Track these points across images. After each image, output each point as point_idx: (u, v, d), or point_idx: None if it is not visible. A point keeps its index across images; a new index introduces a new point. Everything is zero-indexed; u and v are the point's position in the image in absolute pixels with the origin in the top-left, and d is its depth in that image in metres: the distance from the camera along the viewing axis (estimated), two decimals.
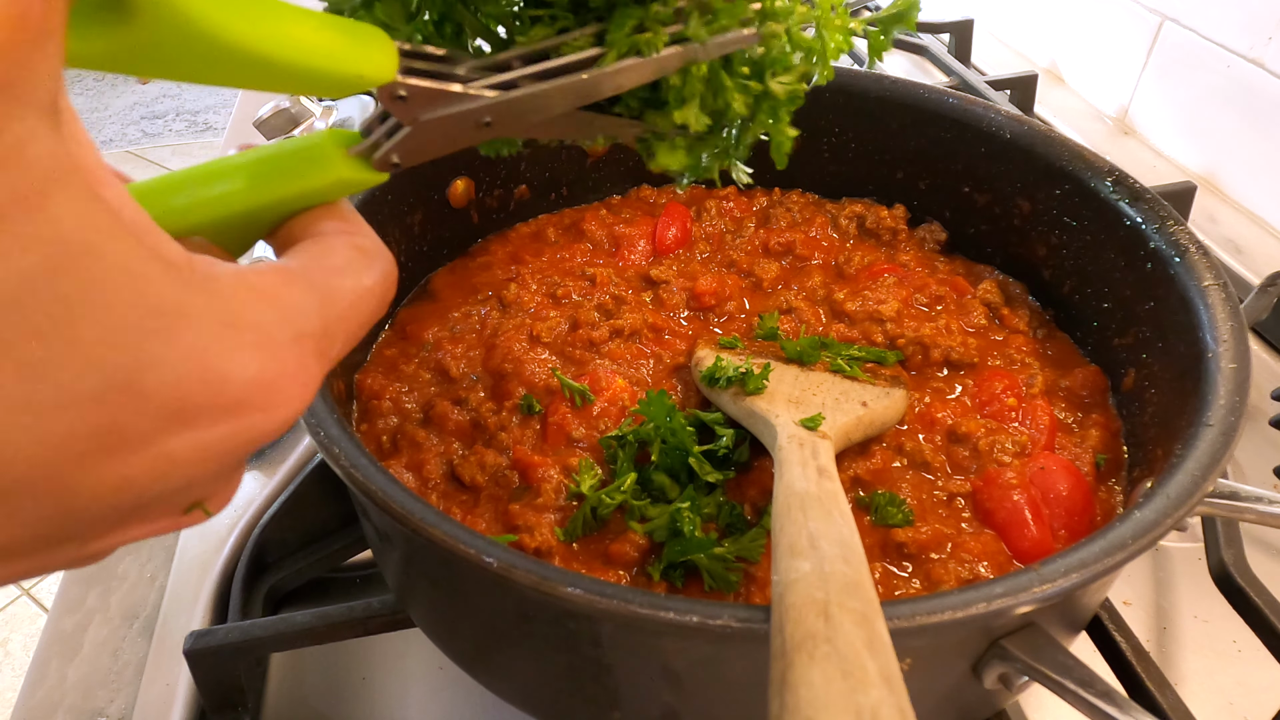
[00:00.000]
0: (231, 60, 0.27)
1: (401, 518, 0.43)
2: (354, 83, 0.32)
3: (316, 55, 0.30)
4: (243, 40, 0.27)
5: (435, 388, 0.67)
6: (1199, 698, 0.62)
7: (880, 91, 0.80)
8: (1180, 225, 0.61)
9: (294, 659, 0.65)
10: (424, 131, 0.35)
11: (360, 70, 0.32)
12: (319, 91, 0.32)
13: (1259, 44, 1.07)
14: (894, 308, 0.71)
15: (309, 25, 0.29)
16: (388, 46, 0.33)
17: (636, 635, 0.43)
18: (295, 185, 0.33)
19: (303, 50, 0.29)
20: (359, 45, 0.32)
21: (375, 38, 0.33)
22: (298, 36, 0.29)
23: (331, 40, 0.30)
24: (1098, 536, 0.43)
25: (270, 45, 0.28)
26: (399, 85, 0.34)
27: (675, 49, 0.38)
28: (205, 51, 0.27)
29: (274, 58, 0.28)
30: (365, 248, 0.32)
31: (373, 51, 0.32)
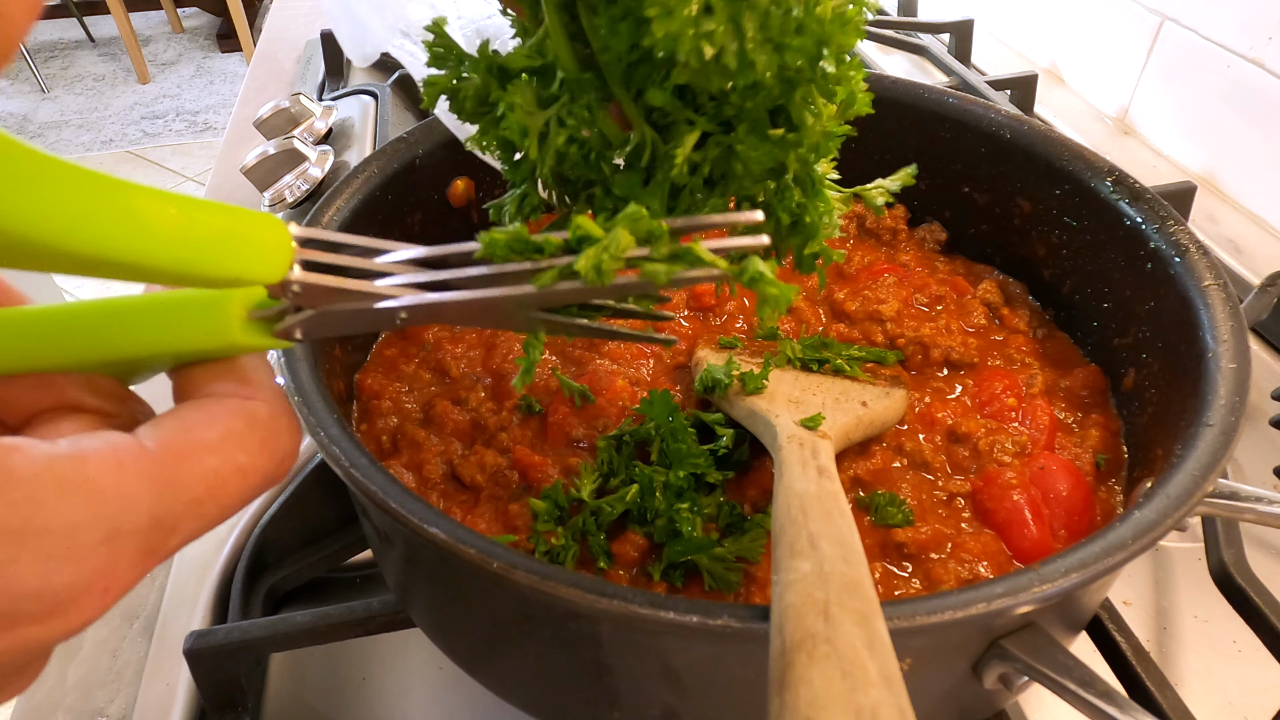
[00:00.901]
0: (77, 263, 0.24)
1: (401, 518, 0.43)
2: (232, 282, 0.29)
3: (178, 253, 0.26)
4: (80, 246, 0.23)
5: (435, 388, 0.67)
6: (1199, 698, 0.62)
7: (880, 91, 0.80)
8: (1180, 225, 0.61)
9: (294, 659, 0.65)
10: (328, 317, 0.32)
11: (238, 271, 0.28)
12: (196, 285, 0.29)
13: (1259, 44, 1.07)
14: (894, 308, 0.71)
15: (167, 217, 0.25)
16: (280, 239, 0.30)
17: (636, 635, 0.43)
18: (187, 343, 0.30)
19: (158, 251, 0.25)
20: (239, 240, 0.28)
21: (264, 229, 0.29)
22: (152, 231, 0.25)
23: (200, 235, 0.27)
24: (1098, 536, 0.43)
25: (121, 249, 0.24)
26: (292, 282, 0.31)
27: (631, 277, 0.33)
28: (48, 257, 0.23)
29: (124, 261, 0.25)
30: (255, 417, 0.29)
31: (259, 247, 0.29)
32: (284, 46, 1.54)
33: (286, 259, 0.30)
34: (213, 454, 0.27)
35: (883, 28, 1.44)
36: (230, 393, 0.29)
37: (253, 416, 0.29)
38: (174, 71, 4.64)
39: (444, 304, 0.33)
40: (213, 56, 4.76)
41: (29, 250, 0.23)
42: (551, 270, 0.32)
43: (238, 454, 0.28)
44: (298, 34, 1.57)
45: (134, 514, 0.24)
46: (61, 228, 0.23)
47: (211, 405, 0.29)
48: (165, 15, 5.11)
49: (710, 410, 0.61)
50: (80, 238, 0.23)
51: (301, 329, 0.32)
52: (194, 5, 4.99)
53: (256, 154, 1.03)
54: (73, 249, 0.23)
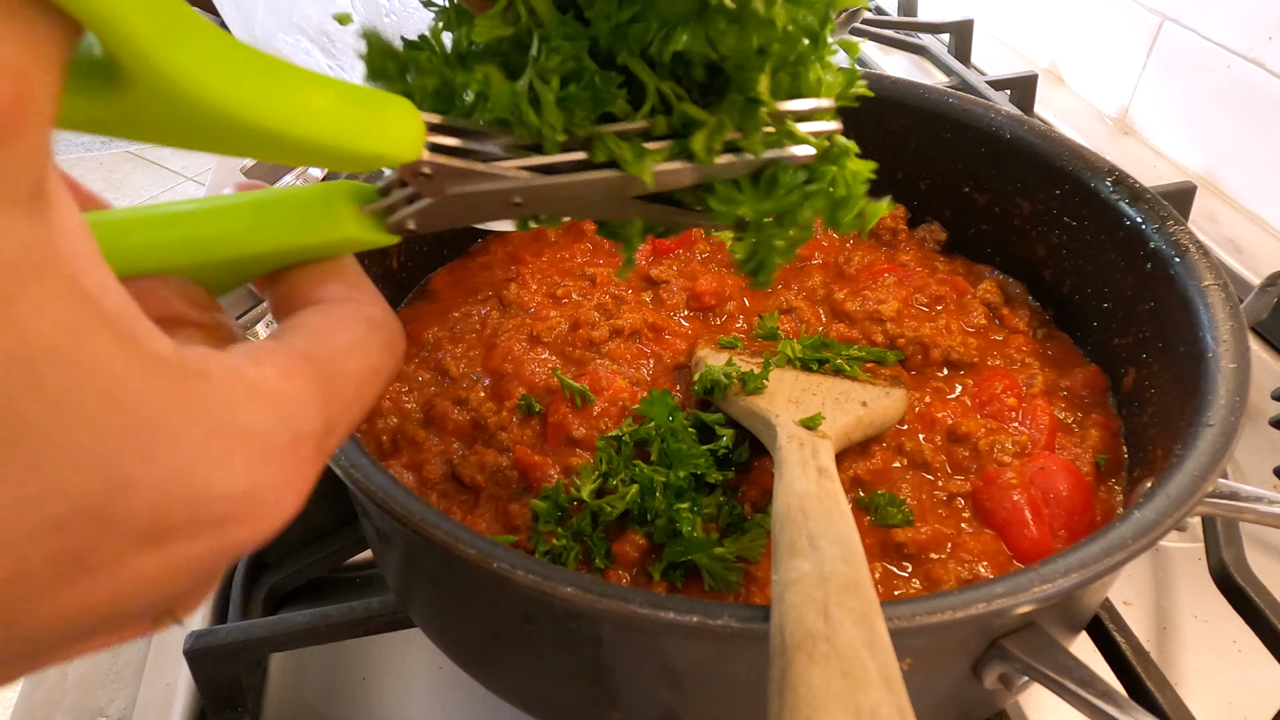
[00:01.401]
0: (234, 133, 0.25)
1: (401, 518, 0.43)
2: (372, 161, 0.29)
3: (330, 131, 0.27)
4: (246, 114, 0.24)
5: (435, 388, 0.67)
6: (1199, 698, 0.62)
7: (880, 91, 0.80)
8: (1180, 225, 0.61)
9: (294, 659, 0.65)
10: (447, 205, 0.33)
11: (379, 149, 0.29)
12: (337, 167, 0.29)
13: (1259, 44, 1.07)
14: (894, 308, 0.71)
15: (323, 96, 0.26)
16: (412, 121, 0.30)
17: (636, 635, 0.43)
18: (300, 238, 0.30)
19: (315, 125, 0.26)
20: (379, 120, 0.29)
21: (398, 110, 0.30)
22: (309, 109, 0.26)
23: (348, 114, 0.27)
24: (1098, 536, 0.43)
25: (278, 119, 0.25)
26: (423, 164, 0.31)
27: (729, 158, 0.36)
28: (206, 124, 0.24)
29: (282, 132, 0.26)
30: (374, 320, 0.30)
31: (395, 127, 0.30)
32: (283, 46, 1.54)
33: (419, 138, 0.31)
34: (351, 357, 0.28)
35: (883, 28, 1.44)
36: (343, 297, 0.30)
37: (372, 320, 0.30)
38: None
39: (559, 185, 0.34)
40: None
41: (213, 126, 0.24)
42: (664, 149, 0.34)
43: (370, 357, 0.29)
44: None
45: (310, 418, 0.25)
46: (249, 104, 0.24)
47: (335, 310, 0.29)
48: None
49: (710, 410, 0.61)
50: (257, 112, 0.24)
51: (416, 219, 0.33)
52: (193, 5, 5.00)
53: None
54: (250, 121, 0.24)
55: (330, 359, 0.27)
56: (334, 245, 0.31)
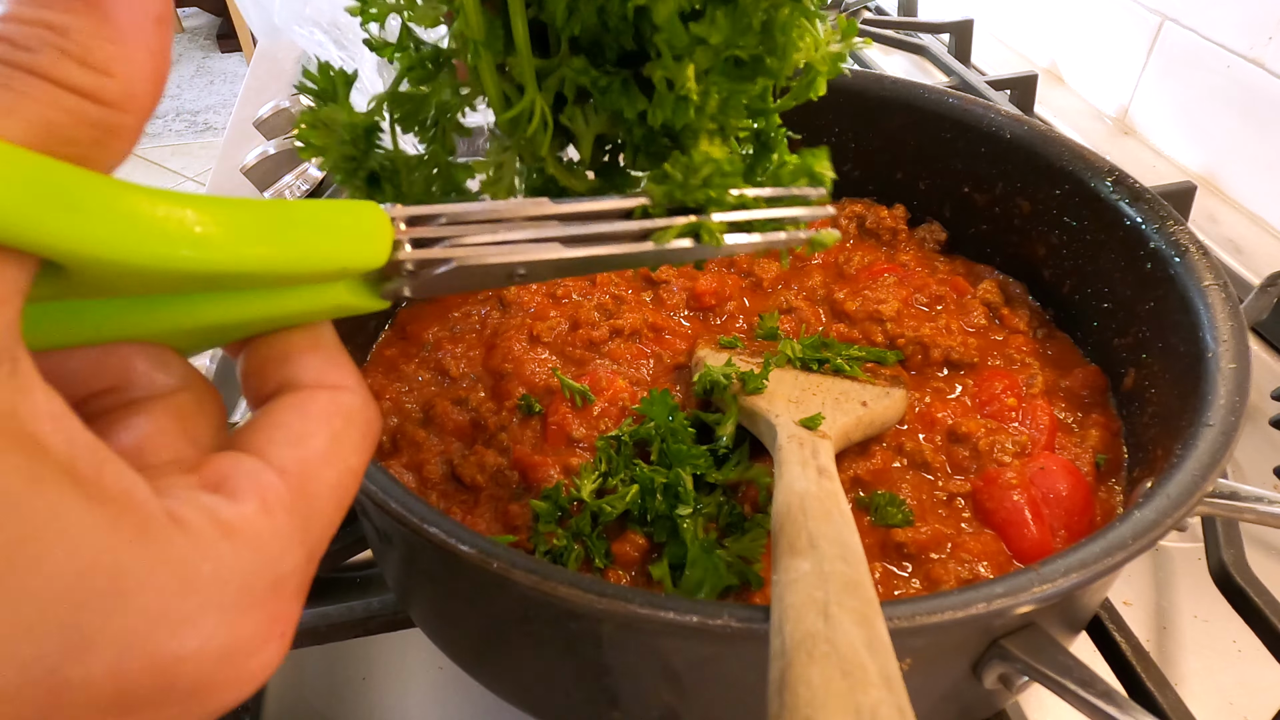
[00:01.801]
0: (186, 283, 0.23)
1: (401, 518, 0.43)
2: (338, 275, 0.27)
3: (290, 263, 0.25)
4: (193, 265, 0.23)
5: (435, 388, 0.67)
6: (1199, 698, 0.62)
7: (880, 91, 0.80)
8: (1180, 225, 0.61)
9: (294, 659, 0.65)
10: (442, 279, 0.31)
11: (345, 265, 0.27)
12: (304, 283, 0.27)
13: (1259, 44, 1.07)
14: (894, 308, 0.71)
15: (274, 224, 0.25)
16: (378, 224, 0.28)
17: (636, 635, 0.43)
18: (287, 304, 0.28)
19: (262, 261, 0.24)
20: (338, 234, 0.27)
21: (360, 218, 0.28)
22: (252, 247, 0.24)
23: (306, 242, 0.25)
24: (1098, 536, 0.43)
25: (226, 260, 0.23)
26: (403, 264, 0.29)
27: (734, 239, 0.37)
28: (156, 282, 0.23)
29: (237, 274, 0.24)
30: (351, 411, 0.27)
31: (356, 237, 0.27)
32: (284, 46, 1.54)
33: (387, 242, 0.29)
34: (330, 466, 0.26)
35: (883, 28, 1.44)
36: (317, 382, 0.28)
37: (349, 411, 0.27)
38: (174, 71, 4.64)
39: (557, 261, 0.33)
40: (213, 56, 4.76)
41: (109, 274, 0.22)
42: (670, 229, 0.36)
43: (349, 458, 0.27)
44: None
45: (292, 554, 0.23)
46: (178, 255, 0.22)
47: (309, 405, 0.27)
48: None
49: (710, 410, 0.61)
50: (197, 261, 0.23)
51: (411, 289, 0.31)
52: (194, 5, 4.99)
53: (256, 154, 1.03)
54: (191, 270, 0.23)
55: (309, 475, 0.25)
56: (321, 313, 0.29)
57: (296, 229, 0.25)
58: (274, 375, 0.28)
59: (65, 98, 0.20)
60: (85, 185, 0.20)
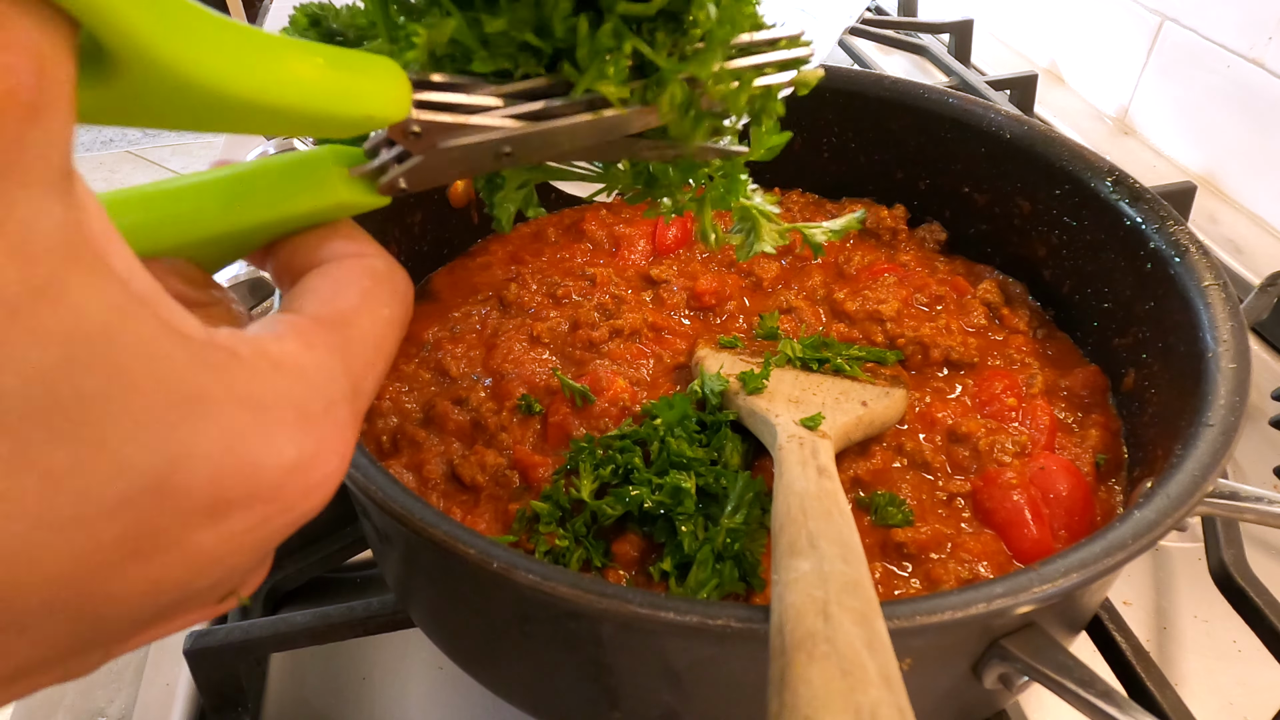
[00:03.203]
0: (223, 109, 0.25)
1: (401, 518, 0.43)
2: (363, 123, 0.29)
3: (319, 97, 0.27)
4: (233, 88, 0.24)
5: (435, 388, 0.67)
6: (1199, 698, 0.62)
7: (880, 92, 0.80)
8: (1180, 225, 0.61)
9: (294, 659, 0.65)
10: (437, 160, 0.33)
11: (369, 110, 0.29)
12: (327, 133, 0.29)
13: (1259, 44, 1.07)
14: (894, 307, 0.71)
15: (309, 64, 0.27)
16: (398, 80, 0.30)
17: (636, 635, 0.43)
18: (291, 206, 0.30)
19: (303, 93, 0.27)
20: (366, 81, 0.29)
21: (384, 71, 0.30)
22: (297, 78, 0.26)
23: (335, 79, 0.28)
24: (1098, 536, 0.43)
25: (264, 91, 0.25)
26: (412, 121, 0.31)
27: None
28: (195, 102, 0.24)
29: (272, 104, 0.26)
30: (378, 271, 0.30)
31: (382, 87, 0.30)
32: None
33: (407, 96, 0.30)
34: (363, 314, 0.28)
35: (883, 28, 1.44)
36: (344, 255, 0.30)
37: (375, 270, 0.30)
38: None
39: (547, 131, 0.34)
40: None
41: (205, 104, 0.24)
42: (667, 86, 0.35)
43: (381, 308, 0.29)
44: None
45: (337, 383, 0.25)
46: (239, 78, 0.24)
47: (336, 270, 0.29)
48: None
49: (709, 411, 0.61)
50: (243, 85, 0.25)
51: (406, 178, 0.33)
52: None
53: (256, 154, 1.03)
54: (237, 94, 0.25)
55: (344, 321, 0.27)
56: (326, 211, 0.31)
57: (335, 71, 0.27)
58: (302, 261, 0.30)
59: None
60: None
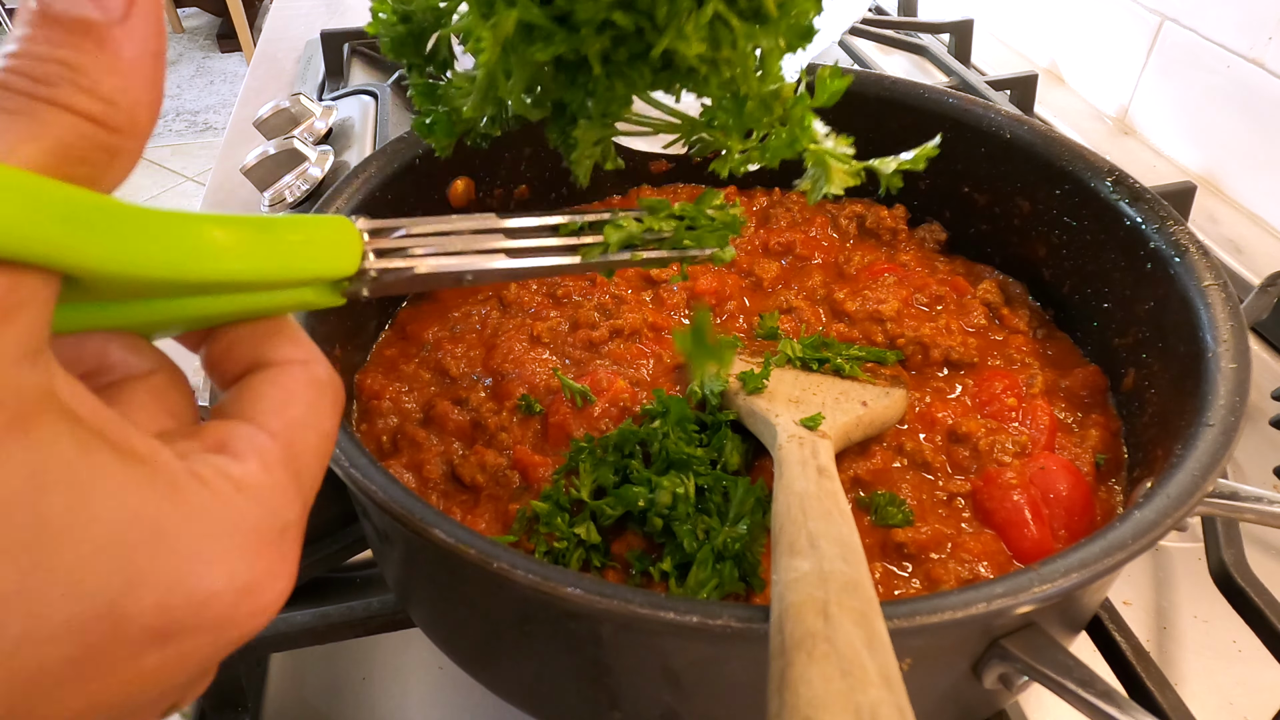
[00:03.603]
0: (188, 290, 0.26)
1: (401, 518, 0.43)
2: (316, 281, 0.31)
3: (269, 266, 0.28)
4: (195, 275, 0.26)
5: (435, 388, 0.67)
6: (1199, 698, 0.62)
7: (880, 91, 0.80)
8: (1180, 225, 0.61)
9: (294, 659, 0.65)
10: (399, 284, 0.36)
11: (318, 272, 0.31)
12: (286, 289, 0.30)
13: (1259, 44, 1.07)
14: (894, 307, 0.71)
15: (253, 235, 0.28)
16: (349, 237, 0.32)
17: (636, 635, 0.43)
18: (254, 303, 0.30)
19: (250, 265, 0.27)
20: (317, 245, 0.30)
21: (334, 230, 0.31)
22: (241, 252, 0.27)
23: (280, 248, 0.29)
24: (1098, 536, 0.43)
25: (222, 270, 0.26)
26: (368, 271, 0.33)
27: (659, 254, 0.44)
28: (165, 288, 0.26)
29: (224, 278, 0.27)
30: (320, 382, 0.30)
31: (332, 248, 0.31)
32: (284, 46, 1.54)
33: (357, 254, 0.32)
34: (311, 429, 0.29)
35: (883, 28, 1.44)
36: (288, 358, 0.30)
37: (319, 381, 0.30)
38: (174, 71, 4.64)
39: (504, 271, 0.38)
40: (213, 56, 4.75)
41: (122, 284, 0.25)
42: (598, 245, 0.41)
43: (324, 422, 0.29)
44: (298, 34, 1.57)
45: (292, 505, 0.27)
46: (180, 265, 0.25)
47: (284, 377, 0.30)
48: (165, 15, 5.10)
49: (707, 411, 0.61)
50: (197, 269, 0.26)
51: (369, 289, 0.34)
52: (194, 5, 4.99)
53: (256, 154, 1.03)
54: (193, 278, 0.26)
55: (294, 437, 0.28)
56: (289, 307, 0.31)
57: (283, 242, 0.29)
58: (243, 357, 0.30)
59: (80, 124, 0.23)
60: (101, 207, 0.23)
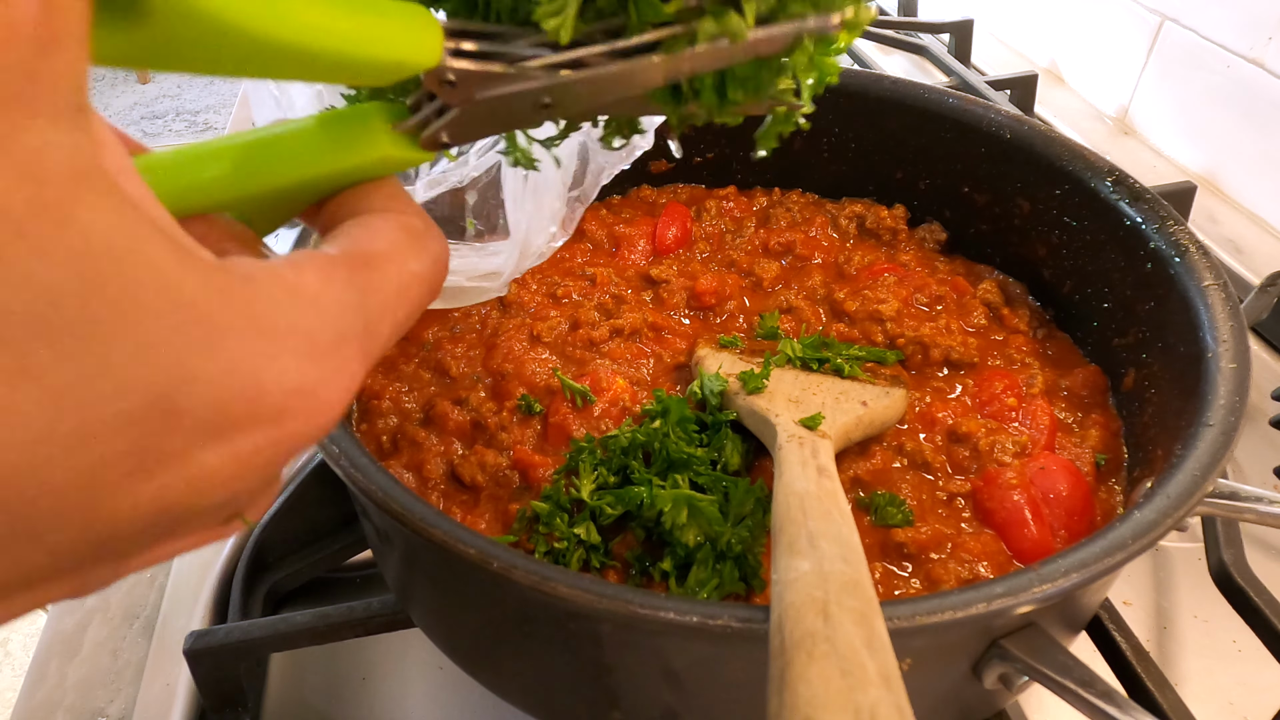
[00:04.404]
0: (256, 52, 0.25)
1: (401, 518, 0.43)
2: (394, 70, 0.30)
3: (350, 42, 0.27)
4: (267, 32, 0.25)
5: (435, 387, 0.67)
6: (1199, 698, 0.62)
7: (880, 91, 0.80)
8: (1180, 225, 0.61)
9: (294, 659, 0.65)
10: (475, 112, 0.33)
11: (400, 56, 0.29)
12: (361, 80, 0.30)
13: (1259, 44, 1.07)
14: (894, 307, 0.71)
15: (341, 9, 0.27)
16: (430, 27, 0.30)
17: (636, 635, 0.43)
18: (335, 163, 0.31)
19: (334, 38, 0.27)
20: (398, 27, 0.29)
21: (416, 17, 0.30)
22: (327, 23, 0.26)
23: (364, 23, 0.28)
24: (1098, 536, 0.43)
25: (297, 35, 0.25)
26: (446, 69, 0.31)
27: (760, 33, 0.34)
28: (227, 45, 0.25)
29: (302, 48, 0.26)
30: (413, 228, 0.30)
31: (414, 34, 0.30)
32: None
33: (438, 44, 0.31)
34: (389, 260, 0.28)
35: (883, 28, 1.44)
36: (381, 208, 0.30)
37: (411, 228, 0.30)
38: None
39: (587, 80, 0.33)
40: None
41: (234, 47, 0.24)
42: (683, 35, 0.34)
43: (410, 261, 0.29)
44: None
45: (350, 318, 0.26)
46: (269, 21, 0.24)
47: (373, 220, 0.30)
48: None
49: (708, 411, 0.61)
50: (272, 27, 0.25)
51: (448, 132, 0.33)
52: None
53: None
54: (266, 37, 0.25)
55: (367, 262, 0.28)
56: (371, 167, 0.31)
57: (366, 16, 0.28)
58: (344, 214, 0.30)
59: None
60: None
